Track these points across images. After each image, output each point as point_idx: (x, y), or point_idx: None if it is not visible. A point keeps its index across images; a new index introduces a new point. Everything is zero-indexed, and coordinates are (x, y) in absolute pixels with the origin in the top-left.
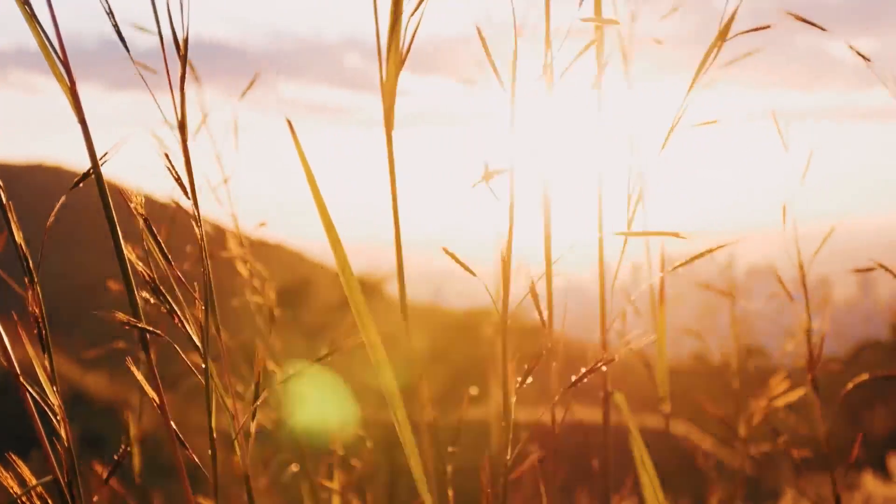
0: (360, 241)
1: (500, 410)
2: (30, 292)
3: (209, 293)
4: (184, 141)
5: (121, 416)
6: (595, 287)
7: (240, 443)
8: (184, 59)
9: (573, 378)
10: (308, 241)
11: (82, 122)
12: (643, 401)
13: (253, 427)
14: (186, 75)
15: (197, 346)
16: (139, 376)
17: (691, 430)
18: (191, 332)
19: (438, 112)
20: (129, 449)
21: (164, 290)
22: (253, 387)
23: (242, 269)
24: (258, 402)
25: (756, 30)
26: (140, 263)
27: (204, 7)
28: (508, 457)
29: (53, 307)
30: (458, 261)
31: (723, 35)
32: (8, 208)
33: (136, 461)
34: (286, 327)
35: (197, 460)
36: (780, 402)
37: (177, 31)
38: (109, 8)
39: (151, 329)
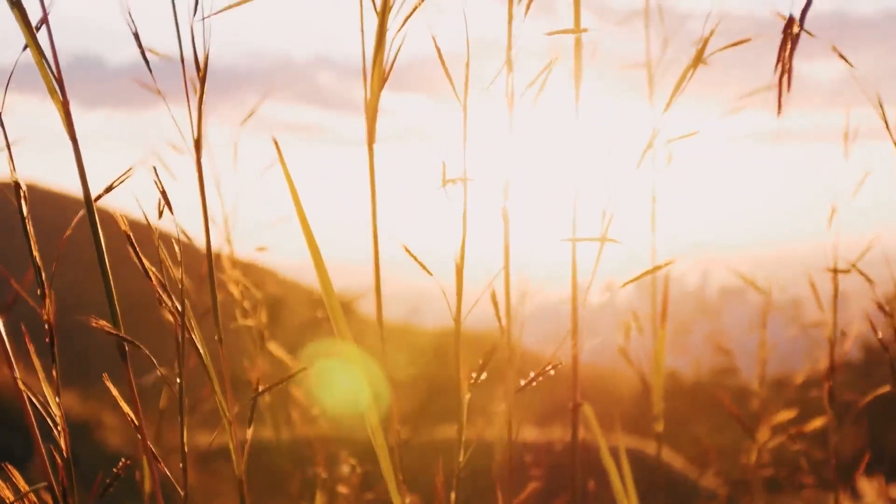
0: (333, 260)
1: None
2: (45, 302)
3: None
4: (198, 160)
5: (95, 435)
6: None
7: (236, 453)
8: (203, 80)
9: (540, 388)
10: (280, 258)
11: (73, 139)
12: (624, 419)
13: (249, 436)
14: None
15: (201, 357)
16: (114, 392)
17: (668, 451)
18: (196, 340)
19: (413, 129)
20: (128, 463)
21: (173, 298)
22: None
23: (234, 289)
24: (252, 416)
25: (736, 44)
26: (154, 272)
27: (174, 24)
28: (461, 460)
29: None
30: (412, 255)
31: (698, 59)
32: (28, 221)
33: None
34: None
35: (171, 478)
36: (795, 431)
37: (198, 52)
38: (136, 31)
39: (129, 338)
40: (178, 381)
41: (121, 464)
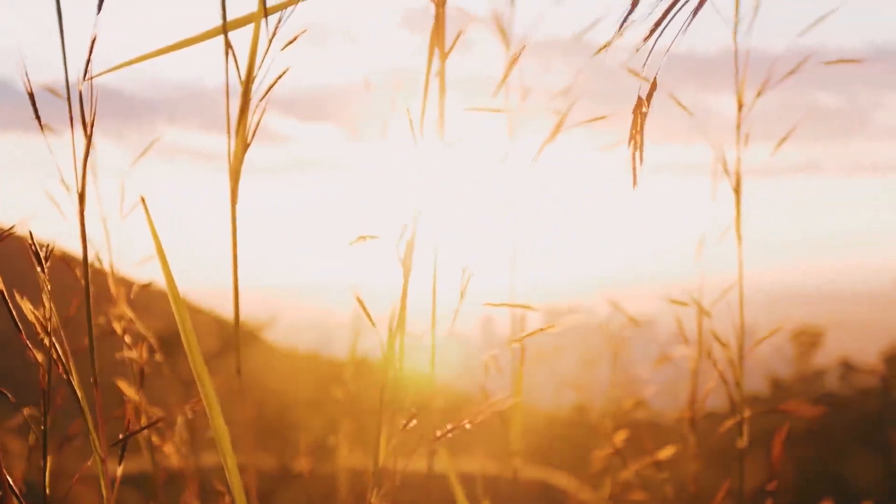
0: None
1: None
2: None
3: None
4: (81, 211)
5: None
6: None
7: (106, 489)
8: (90, 138)
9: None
10: (189, 286)
11: None
12: (527, 451)
13: (120, 472)
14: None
15: (76, 394)
16: None
17: (570, 482)
18: (72, 381)
19: (325, 159)
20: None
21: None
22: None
23: (117, 326)
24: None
25: (593, 120)
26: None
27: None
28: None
29: None
30: (364, 309)
31: (556, 131)
32: None
33: None
34: (161, 375)
35: None
36: (653, 459)
37: (86, 112)
38: (27, 75)
39: None
40: (42, 423)
41: None
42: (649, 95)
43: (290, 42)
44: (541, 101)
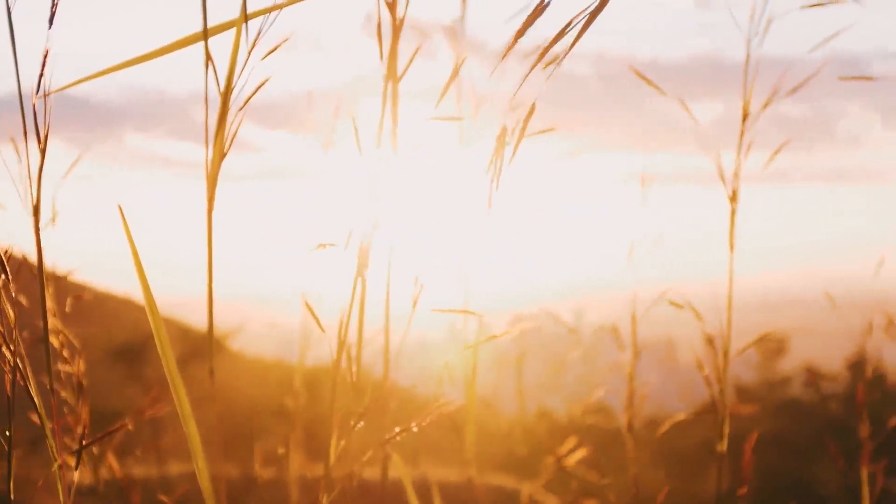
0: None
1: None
2: None
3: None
4: (36, 223)
5: None
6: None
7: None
8: (44, 152)
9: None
10: (156, 295)
11: None
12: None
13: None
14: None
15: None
16: None
17: (527, 487)
18: (30, 389)
19: (287, 167)
20: None
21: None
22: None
23: (54, 340)
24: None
25: (543, 132)
26: None
27: (57, 55)
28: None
29: None
30: (314, 315)
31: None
32: None
33: None
34: (123, 383)
35: None
36: (570, 461)
37: (39, 127)
38: None
39: None
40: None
41: None
42: (526, 121)
43: (272, 50)
44: (499, 110)
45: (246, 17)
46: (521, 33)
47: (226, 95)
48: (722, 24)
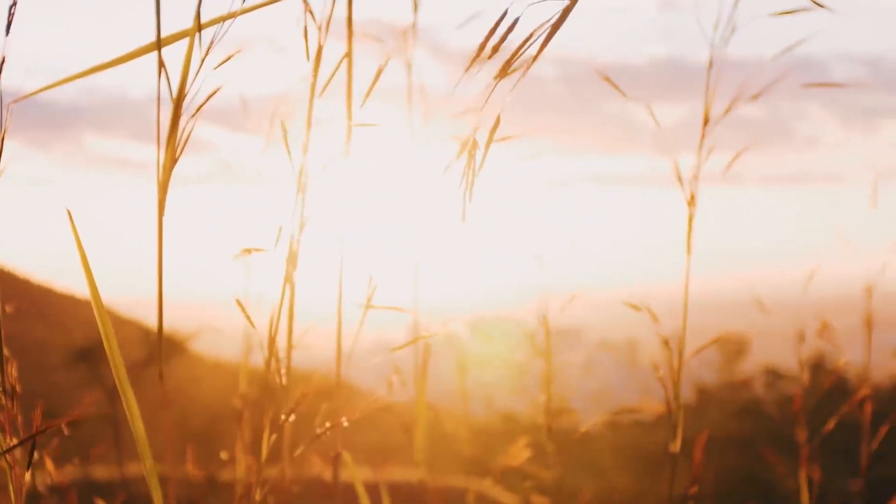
0: (169, 299)
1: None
2: None
3: None
4: None
5: None
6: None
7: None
8: None
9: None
10: (115, 296)
11: None
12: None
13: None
14: None
15: None
16: None
17: (499, 490)
18: None
19: (246, 168)
20: None
21: None
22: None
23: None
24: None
25: (502, 140)
26: None
27: (13, 57)
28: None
29: None
30: (246, 314)
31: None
32: None
33: None
34: (85, 385)
35: None
36: (517, 460)
37: None
38: None
39: None
40: None
41: None
42: (492, 132)
43: (225, 61)
44: (452, 113)
45: (199, 26)
46: (483, 46)
47: (178, 102)
48: (685, 29)
